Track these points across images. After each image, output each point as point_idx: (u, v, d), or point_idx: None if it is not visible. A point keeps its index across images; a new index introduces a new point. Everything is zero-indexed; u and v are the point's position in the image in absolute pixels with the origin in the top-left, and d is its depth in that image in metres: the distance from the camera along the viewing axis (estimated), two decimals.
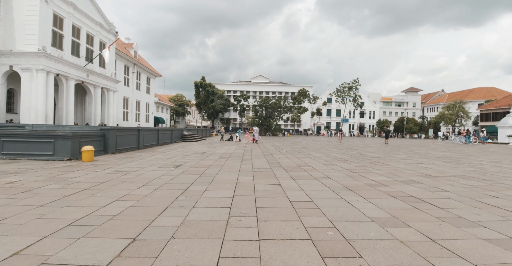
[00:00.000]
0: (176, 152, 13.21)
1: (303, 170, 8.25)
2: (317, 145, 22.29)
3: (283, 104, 54.42)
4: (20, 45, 19.11)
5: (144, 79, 43.89)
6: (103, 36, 27.62)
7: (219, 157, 11.51)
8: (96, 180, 6.09)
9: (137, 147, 14.71)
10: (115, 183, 5.88)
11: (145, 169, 7.88)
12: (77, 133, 9.80)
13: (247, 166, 8.76)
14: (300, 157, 12.40)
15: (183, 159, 10.37)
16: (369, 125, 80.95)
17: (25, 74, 19.18)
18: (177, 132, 22.97)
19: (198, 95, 60.23)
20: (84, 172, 7.14)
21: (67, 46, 22.27)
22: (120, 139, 12.90)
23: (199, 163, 9.29)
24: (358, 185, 6.10)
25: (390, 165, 9.81)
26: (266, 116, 53.92)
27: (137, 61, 39.77)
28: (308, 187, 5.73)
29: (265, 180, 6.41)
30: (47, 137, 9.50)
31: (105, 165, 8.41)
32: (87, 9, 24.48)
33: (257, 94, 78.45)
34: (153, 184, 5.79)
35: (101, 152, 11.51)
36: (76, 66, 22.85)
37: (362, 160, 11.56)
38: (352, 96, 63.35)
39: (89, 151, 9.39)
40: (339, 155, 13.75)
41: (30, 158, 9.43)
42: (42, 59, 19.25)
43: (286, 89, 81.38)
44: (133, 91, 40.24)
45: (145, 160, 9.99)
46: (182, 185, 5.76)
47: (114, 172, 7.25)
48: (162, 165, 8.76)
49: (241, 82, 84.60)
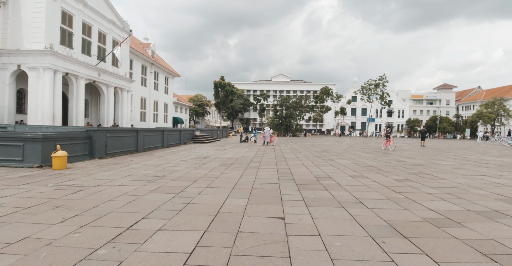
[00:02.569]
0: (174, 157, 11.42)
1: (322, 187, 6.02)
2: (341, 148, 19.70)
3: (304, 103, 51.75)
4: (27, 43, 18.38)
5: (162, 79, 43.20)
6: (116, 35, 26.75)
7: (220, 164, 9.52)
8: (25, 202, 4.31)
9: (136, 150, 13.14)
10: (45, 208, 4.06)
11: (113, 182, 6.06)
12: (49, 136, 8.24)
13: (247, 179, 6.67)
14: (321, 164, 10.11)
15: (174, 167, 8.50)
16: (398, 125, 75.70)
17: (32, 73, 18.41)
18: (187, 133, 21.37)
19: (217, 95, 59.04)
20: (30, 186, 5.43)
21: (77, 45, 21.41)
22: (113, 142, 11.33)
23: (188, 174, 7.35)
24: (412, 222, 3.80)
25: (444, 179, 7.29)
26: (286, 115, 51.48)
27: (154, 61, 39.05)
28: (328, 228, 3.53)
29: (263, 208, 4.29)
30: (15, 140, 8.02)
31: (70, 175, 6.72)
32: (99, 6, 23.59)
33: (278, 93, 76.09)
34: (93, 213, 3.89)
35: (86, 157, 9.95)
36: (87, 65, 21.95)
37: (401, 169, 9.06)
38: (379, 93, 59.16)
39: (61, 157, 7.78)
40: (370, 161, 11.27)
41: None
42: (49, 58, 18.37)
43: (308, 88, 78.30)
44: (151, 91, 39.55)
45: (128, 168, 8.23)
46: (133, 216, 3.80)
47: (68, 187, 5.48)
48: (141, 176, 6.91)
49: (261, 81, 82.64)
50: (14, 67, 18.35)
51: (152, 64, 39.03)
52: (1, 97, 18.38)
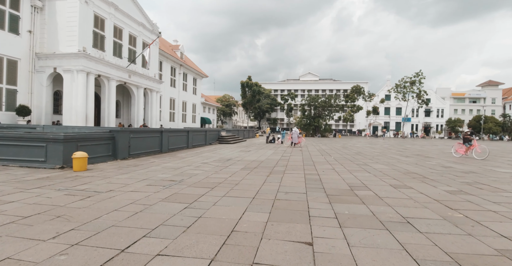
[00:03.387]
0: (197, 158, 11.01)
1: (358, 199, 5.14)
2: (375, 150, 18.26)
3: (333, 103, 49.81)
4: (62, 47, 19.15)
5: (191, 80, 43.83)
6: (146, 37, 27.31)
7: (242, 167, 8.90)
8: (27, 210, 3.97)
9: (160, 151, 12.97)
10: (44, 218, 3.67)
11: (127, 187, 5.66)
12: (71, 137, 8.15)
13: (270, 187, 5.95)
14: (354, 169, 9.12)
15: (194, 170, 8.02)
16: (437, 125, 70.50)
17: (66, 76, 19.15)
18: (213, 133, 21.12)
19: (244, 95, 58.89)
20: (42, 191, 5.18)
21: (109, 47, 22.03)
22: (136, 142, 11.20)
23: (207, 179, 6.79)
24: (483, 257, 2.86)
25: (508, 192, 6.04)
26: (314, 115, 49.89)
27: (183, 62, 39.67)
28: (371, 262, 2.72)
29: (287, 227, 3.55)
30: (38, 141, 8.01)
31: (87, 178, 6.46)
32: (129, 9, 24.16)
33: (306, 92, 74.35)
34: (92, 226, 3.42)
35: (109, 158, 9.85)
36: (118, 67, 22.52)
37: (450, 177, 7.82)
38: (415, 91, 55.37)
39: (80, 158, 7.62)
40: (411, 167, 10.03)
41: (22, 165, 8.06)
42: (82, 60, 18.99)
43: (338, 87, 75.64)
44: (180, 92, 40.25)
45: (146, 170, 7.89)
46: (133, 233, 3.26)
47: (78, 192, 5.15)
48: (157, 180, 6.48)
49: (288, 81, 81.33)
50: (50, 70, 19.20)
51: (181, 65, 39.68)
52: (39, 99, 19.33)
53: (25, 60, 18.31)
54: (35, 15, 18.58)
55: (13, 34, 17.39)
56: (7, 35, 16.99)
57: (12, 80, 17.57)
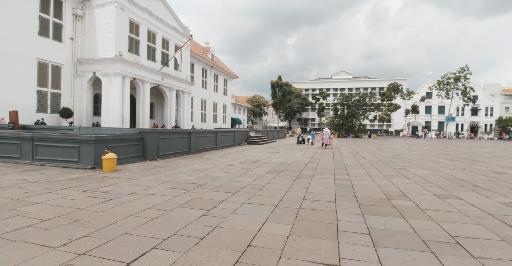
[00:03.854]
0: (223, 160, 10.87)
1: (396, 211, 4.53)
2: (416, 153, 16.86)
3: (368, 101, 47.48)
4: (101, 52, 20.23)
5: (221, 81, 44.45)
6: (178, 40, 28.04)
7: (268, 170, 8.53)
8: (48, 213, 3.99)
9: (188, 152, 13.07)
10: (62, 222, 3.64)
11: (149, 190, 5.59)
12: (101, 138, 8.39)
13: (296, 194, 5.52)
14: (391, 174, 8.33)
15: (218, 173, 7.82)
16: (485, 125, 64.26)
17: (104, 79, 20.21)
18: (242, 134, 21.00)
19: (275, 95, 58.47)
20: (68, 192, 5.27)
21: (143, 51, 22.91)
22: (165, 143, 11.34)
23: (230, 182, 6.53)
24: None
25: None
26: (347, 115, 47.97)
27: (214, 63, 40.33)
28: None
29: (311, 244, 3.13)
30: (72, 142, 8.35)
31: (113, 180, 6.54)
32: (162, 14, 24.95)
33: (338, 91, 71.96)
34: (105, 233, 3.29)
35: (139, 158, 10.04)
36: (151, 70, 23.33)
37: (506, 186, 6.78)
38: (460, 88, 50.90)
39: (110, 159, 7.79)
40: (458, 172, 8.96)
41: (58, 165, 8.46)
42: (119, 64, 19.91)
43: (373, 85, 72.18)
44: (211, 93, 40.98)
45: (172, 172, 7.85)
46: (144, 243, 3.06)
47: (101, 194, 5.15)
48: (180, 183, 6.35)
49: (320, 80, 79.31)
50: (90, 74, 20.38)
51: (211, 67, 40.35)
52: (80, 101, 20.61)
53: (67, 66, 19.63)
54: (76, 23, 19.84)
55: (57, 41, 18.70)
56: (51, 42, 18.31)
57: (56, 84, 18.92)
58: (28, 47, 16.91)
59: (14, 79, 16.22)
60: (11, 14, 15.91)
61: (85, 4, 20.14)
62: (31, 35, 17.10)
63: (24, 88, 16.92)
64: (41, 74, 17.94)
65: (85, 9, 20.20)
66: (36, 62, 17.54)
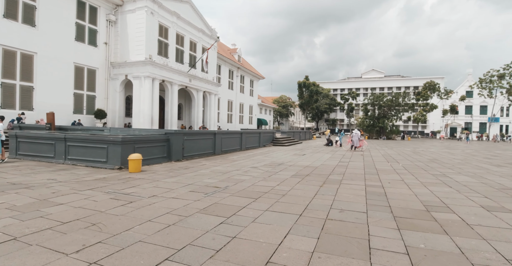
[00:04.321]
0: (247, 162, 10.65)
1: (438, 225, 3.99)
2: (456, 157, 15.50)
3: (402, 101, 45.00)
4: (132, 55, 21.00)
5: (248, 82, 44.58)
6: (206, 42, 28.44)
7: (293, 174, 8.15)
8: (69, 215, 3.98)
9: (213, 153, 13.04)
10: (80, 226, 3.59)
11: (170, 192, 5.49)
12: (128, 139, 8.53)
13: (322, 201, 5.12)
14: (429, 181, 7.59)
15: (241, 176, 7.60)
16: None
17: (135, 82, 20.96)
18: (267, 135, 20.72)
19: (301, 95, 57.53)
20: (92, 193, 5.32)
21: (172, 54, 23.46)
22: (190, 144, 11.38)
23: (253, 186, 6.27)
24: None
25: None
26: (379, 115, 45.81)
27: (240, 65, 40.55)
28: None
29: (338, 264, 2.76)
30: (101, 143, 8.58)
31: (137, 181, 6.56)
32: (190, 17, 25.42)
33: (369, 91, 69.17)
34: (119, 240, 3.16)
35: (164, 159, 10.14)
36: (180, 72, 23.84)
37: None
38: (504, 86, 46.55)
39: (135, 160, 7.88)
40: (506, 180, 7.96)
41: (88, 165, 8.74)
42: (148, 67, 20.54)
43: (407, 83, 68.51)
44: (237, 94, 41.23)
45: (195, 174, 7.76)
46: (156, 253, 2.87)
47: (123, 196, 5.13)
48: (202, 186, 6.20)
49: (349, 79, 76.79)
50: (122, 77, 21.22)
51: (238, 68, 40.58)
52: (113, 103, 21.55)
53: (102, 69, 20.61)
54: (110, 28, 20.77)
55: (92, 46, 19.69)
56: (87, 47, 19.31)
57: (91, 87, 19.92)
58: (66, 52, 17.95)
59: (53, 83, 17.29)
60: (51, 22, 16.97)
61: (118, 10, 21.03)
62: (69, 41, 18.14)
63: (63, 90, 17.98)
64: (78, 77, 18.97)
65: (118, 14, 21.09)
66: (73, 66, 18.58)
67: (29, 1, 15.82)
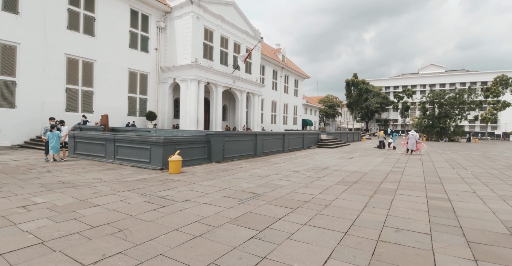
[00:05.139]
0: (289, 165, 10.08)
1: None
2: None
3: (467, 99, 39.91)
4: (179, 59, 21.86)
5: (292, 82, 43.82)
6: (249, 43, 28.50)
7: (339, 180, 7.37)
8: (101, 218, 3.92)
9: (254, 155, 12.73)
10: (107, 231, 3.46)
11: (204, 197, 5.24)
12: (169, 140, 8.61)
13: (373, 217, 4.36)
14: (510, 195, 6.21)
15: (280, 181, 7.08)
16: None
17: (182, 84, 21.77)
18: (311, 137, 19.80)
19: (349, 95, 54.67)
20: (129, 194, 5.31)
21: (216, 56, 23.92)
22: (231, 146, 11.22)
23: (292, 194, 5.71)
24: None
25: None
26: (439, 115, 41.24)
27: (284, 64, 40.00)
28: None
29: None
30: (145, 143, 8.81)
31: (174, 183, 6.48)
32: (234, 19, 25.68)
33: (427, 88, 62.94)
34: (141, 252, 2.92)
35: (205, 160, 10.10)
36: (224, 74, 24.19)
37: None
38: None
39: (175, 161, 7.89)
40: None
41: (133, 165, 9.06)
42: (194, 70, 21.17)
43: (472, 79, 60.81)
44: (281, 95, 40.76)
45: (232, 177, 7.47)
46: None
47: (158, 199, 5.01)
48: (238, 191, 5.85)
49: (403, 76, 70.88)
50: (171, 81, 22.20)
51: (282, 68, 40.05)
52: (163, 105, 22.67)
53: (153, 74, 21.82)
54: (160, 34, 21.90)
55: (144, 52, 20.95)
56: (139, 53, 20.59)
57: (143, 90, 21.20)
58: (121, 59, 19.35)
59: (110, 87, 18.75)
60: (108, 31, 18.42)
61: (167, 17, 22.08)
62: (124, 48, 19.53)
63: (118, 94, 19.41)
64: (131, 81, 20.33)
65: (167, 21, 22.14)
66: (127, 71, 19.95)
67: (89, 13, 17.35)
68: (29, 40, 14.73)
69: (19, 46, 14.44)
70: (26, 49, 14.66)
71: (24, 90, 14.69)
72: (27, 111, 14.79)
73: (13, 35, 14.17)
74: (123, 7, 19.34)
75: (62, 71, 16.24)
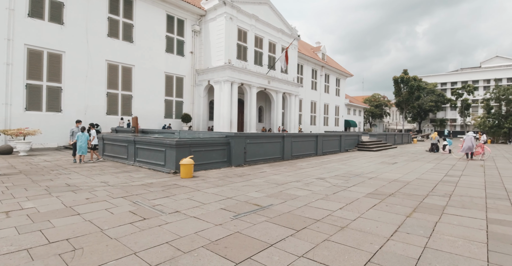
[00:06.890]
0: (315, 171, 8.93)
1: None
2: None
3: None
4: (213, 61, 21.84)
5: (333, 81, 41.67)
6: (285, 42, 27.56)
7: (371, 191, 6.08)
8: (71, 231, 3.42)
9: (281, 158, 11.78)
10: (56, 251, 2.91)
11: (196, 209, 4.52)
12: (183, 142, 8.13)
13: (404, 248, 3.17)
14: None
15: (297, 190, 6.06)
16: None
17: (216, 86, 21.69)
18: (351, 139, 18.08)
19: (398, 93, 50.21)
20: (123, 202, 4.83)
21: (250, 57, 23.44)
22: (254, 148, 10.44)
23: (305, 208, 4.69)
24: None
25: None
26: (507, 113, 35.52)
27: (325, 63, 38.17)
28: None
29: None
30: (160, 146, 8.48)
31: (177, 189, 5.90)
32: (268, 18, 24.99)
33: (491, 83, 55.11)
34: None
35: (224, 164, 9.46)
36: (258, 74, 23.60)
37: None
38: None
39: (186, 165, 7.35)
40: None
41: (150, 167, 8.79)
42: (227, 71, 20.92)
43: None
44: (321, 94, 38.96)
45: (243, 184, 6.64)
46: None
47: (147, 209, 4.42)
48: (241, 202, 5.02)
49: (463, 70, 63.12)
50: (206, 83, 22.27)
51: (322, 66, 38.26)
52: (198, 108, 22.84)
53: (188, 77, 22.11)
54: (195, 38, 22.12)
55: (180, 56, 21.31)
56: (175, 57, 20.98)
57: (179, 93, 21.57)
58: (158, 63, 19.89)
59: (147, 91, 19.34)
60: (145, 37, 19.05)
61: (201, 20, 22.24)
62: (160, 53, 20.05)
63: (155, 97, 19.96)
64: (168, 85, 20.79)
65: (202, 24, 22.29)
66: (164, 75, 20.44)
67: (128, 20, 18.08)
68: (73, 48, 15.75)
69: (64, 54, 15.50)
70: (70, 57, 15.69)
71: (69, 95, 15.71)
72: (71, 115, 15.78)
73: (59, 44, 15.24)
74: (160, 13, 19.87)
75: (103, 76, 17.10)
